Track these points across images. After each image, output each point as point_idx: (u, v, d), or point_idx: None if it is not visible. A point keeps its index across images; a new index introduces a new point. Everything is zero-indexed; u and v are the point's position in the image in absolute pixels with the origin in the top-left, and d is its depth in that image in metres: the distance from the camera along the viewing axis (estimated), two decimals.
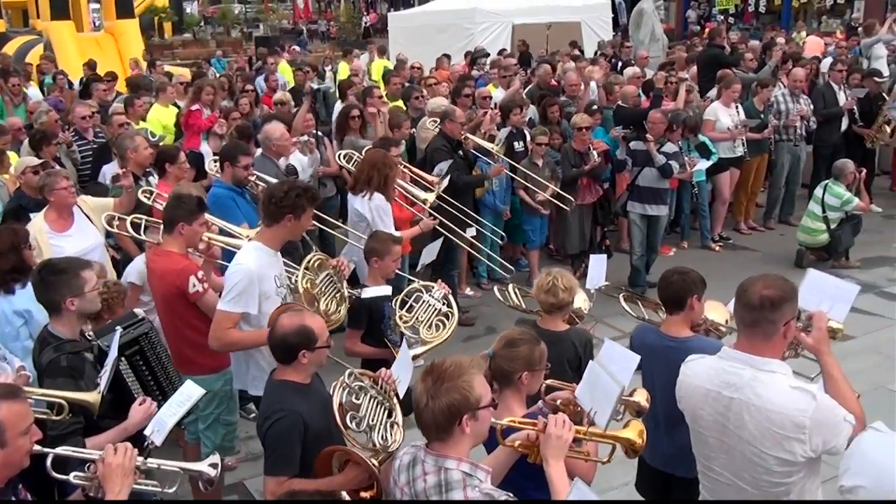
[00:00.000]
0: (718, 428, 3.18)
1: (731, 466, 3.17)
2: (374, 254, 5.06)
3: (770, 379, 3.05)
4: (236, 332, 4.46)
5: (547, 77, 11.24)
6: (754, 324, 3.09)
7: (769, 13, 33.15)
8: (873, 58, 13.12)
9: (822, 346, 3.27)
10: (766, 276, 3.18)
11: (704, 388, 3.22)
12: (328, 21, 48.51)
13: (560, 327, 4.47)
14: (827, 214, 9.08)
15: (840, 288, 3.70)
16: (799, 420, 2.94)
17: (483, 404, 2.79)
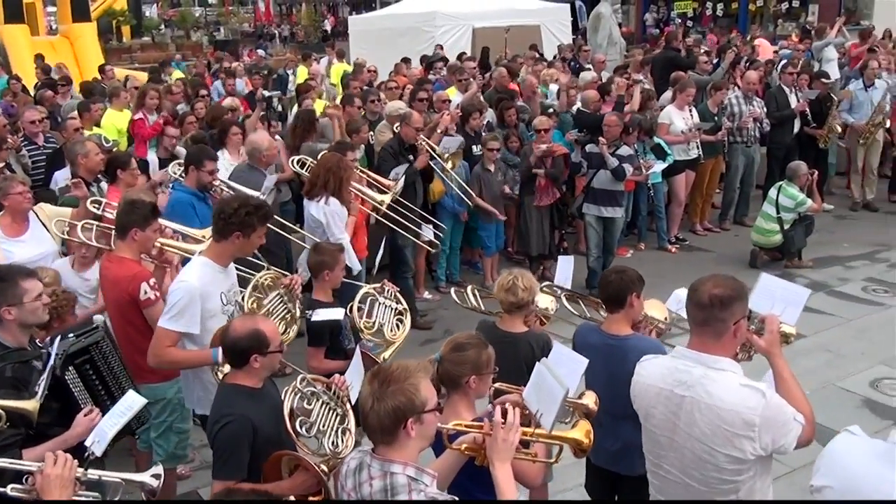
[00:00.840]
0: (669, 426, 3.21)
1: (681, 464, 3.21)
2: (325, 267, 4.97)
3: (720, 377, 3.09)
4: (177, 351, 4.36)
5: (504, 80, 11.29)
6: (705, 322, 3.13)
7: (727, 16, 33.58)
8: (824, 60, 13.37)
9: (773, 349, 3.32)
10: (715, 276, 3.23)
11: (657, 387, 3.26)
12: (293, 25, 48.27)
13: (519, 329, 4.52)
14: (781, 215, 9.22)
15: (792, 292, 3.77)
16: (748, 417, 2.98)
17: (429, 408, 2.80)
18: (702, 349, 3.16)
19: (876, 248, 10.05)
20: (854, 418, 6.15)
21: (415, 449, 2.82)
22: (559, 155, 8.97)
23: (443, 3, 19.61)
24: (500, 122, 9.67)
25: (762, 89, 11.61)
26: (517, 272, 4.53)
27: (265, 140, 6.99)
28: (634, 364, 4.05)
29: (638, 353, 4.06)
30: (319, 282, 5.02)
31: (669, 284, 4.88)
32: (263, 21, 49.59)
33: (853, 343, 7.50)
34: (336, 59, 16.68)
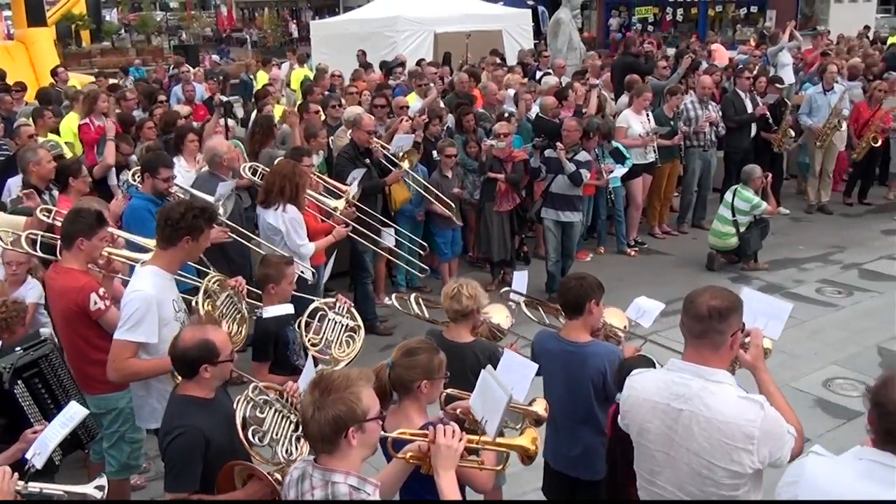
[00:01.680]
0: (665, 441, 3.14)
1: (677, 480, 3.13)
2: (271, 280, 4.90)
3: (718, 389, 3.04)
4: (137, 362, 4.31)
5: (464, 85, 11.31)
6: (702, 334, 3.08)
7: (686, 22, 34.06)
8: (779, 65, 13.58)
9: (758, 363, 3.32)
10: (711, 287, 3.21)
11: (653, 401, 3.17)
12: (259, 29, 48.00)
13: (465, 338, 4.49)
14: (736, 218, 9.35)
15: (774, 306, 3.82)
16: (748, 430, 2.94)
17: (370, 416, 2.80)
18: (699, 361, 3.10)
19: (830, 250, 10.23)
20: (807, 418, 6.25)
21: (357, 458, 2.81)
22: (518, 160, 9.02)
23: (405, 9, 19.62)
24: (458, 128, 9.69)
25: (719, 94, 11.78)
26: (463, 280, 4.52)
27: (223, 145, 6.94)
28: (593, 370, 4.11)
29: (596, 359, 4.12)
30: (266, 294, 4.94)
31: (629, 288, 4.95)
32: (226, 25, 49.31)
33: (807, 344, 7.62)
34: (297, 64, 16.59)
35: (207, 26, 52.45)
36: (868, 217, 11.65)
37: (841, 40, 18.96)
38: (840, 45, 17.81)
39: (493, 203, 8.92)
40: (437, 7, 19.88)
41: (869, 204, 12.12)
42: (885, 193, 12.42)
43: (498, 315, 4.81)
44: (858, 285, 9.00)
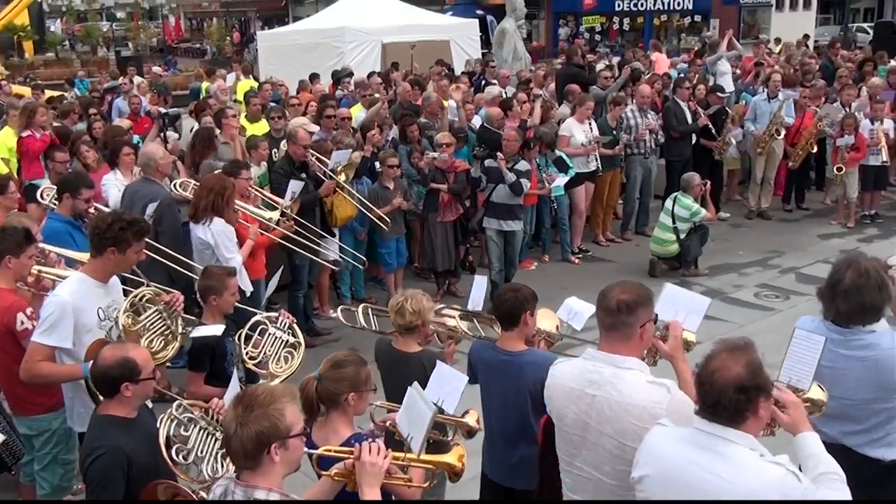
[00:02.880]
0: (581, 425, 3.30)
1: (594, 461, 3.30)
2: (212, 291, 4.84)
3: (629, 375, 3.22)
4: (47, 366, 4.29)
5: (408, 95, 11.34)
6: (613, 326, 3.27)
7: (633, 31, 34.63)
8: (718, 74, 13.83)
9: (676, 353, 3.52)
10: (623, 282, 3.37)
11: (569, 387, 3.35)
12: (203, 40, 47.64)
13: (412, 349, 4.53)
14: (676, 225, 9.50)
15: (694, 301, 3.94)
16: (655, 412, 3.10)
17: (294, 433, 2.79)
18: (611, 350, 3.28)
19: (768, 254, 10.45)
20: None
21: (279, 474, 2.81)
22: (461, 170, 9.06)
23: (352, 19, 19.65)
24: (402, 138, 9.71)
25: (661, 102, 11.98)
26: (409, 294, 4.54)
27: (159, 150, 6.87)
28: (529, 379, 4.14)
29: (533, 368, 4.15)
30: (208, 306, 4.89)
31: (573, 295, 4.96)
32: (173, 36, 48.82)
33: None
34: (242, 75, 16.49)
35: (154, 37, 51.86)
36: (805, 222, 11.92)
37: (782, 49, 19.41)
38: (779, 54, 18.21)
39: (436, 214, 8.95)
40: (384, 17, 19.94)
41: (806, 209, 12.39)
42: (822, 198, 12.71)
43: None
44: (795, 289, 9.19)
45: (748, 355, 2.81)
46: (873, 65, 14.62)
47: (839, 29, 34.14)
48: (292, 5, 49.21)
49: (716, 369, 2.76)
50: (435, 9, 30.79)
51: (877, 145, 11.04)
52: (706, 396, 2.78)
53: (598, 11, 35.77)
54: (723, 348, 2.84)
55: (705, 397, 2.78)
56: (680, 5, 33.37)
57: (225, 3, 55.47)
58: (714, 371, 2.76)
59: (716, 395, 2.74)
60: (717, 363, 2.77)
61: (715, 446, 2.75)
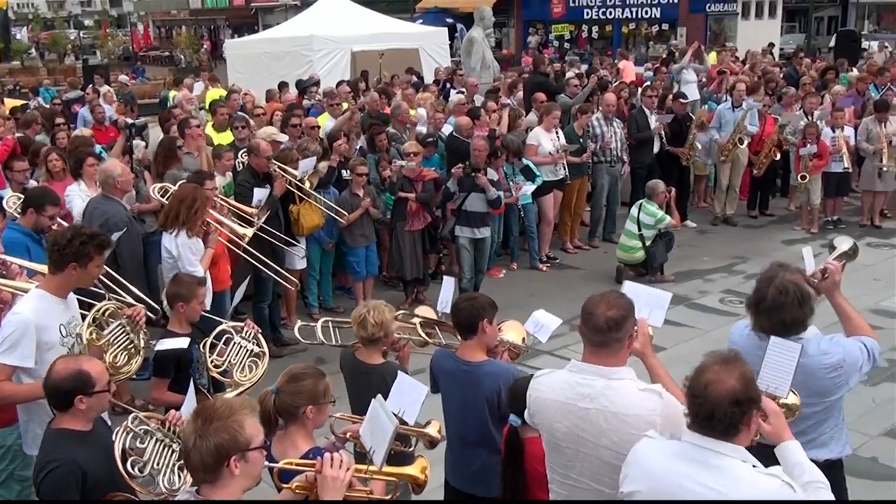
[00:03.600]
0: (574, 438, 3.30)
1: (590, 472, 3.31)
2: (180, 298, 4.87)
3: (620, 386, 3.23)
4: (9, 385, 4.19)
5: (376, 104, 11.34)
6: (603, 344, 3.27)
7: (601, 39, 34.89)
8: (683, 82, 13.99)
9: (646, 350, 3.55)
10: (606, 296, 3.34)
11: (559, 402, 3.33)
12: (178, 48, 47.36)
13: (375, 360, 4.53)
14: (642, 232, 9.58)
15: (655, 296, 3.99)
16: (651, 419, 3.14)
17: (254, 445, 2.78)
18: (599, 363, 3.28)
19: (734, 260, 10.56)
20: None
21: (239, 487, 2.79)
22: (428, 179, 9.08)
23: (320, 27, 19.61)
24: (371, 147, 9.71)
25: (627, 110, 12.09)
26: (372, 305, 4.55)
27: (117, 166, 6.81)
28: (487, 389, 4.16)
29: (491, 379, 4.17)
30: (175, 313, 4.91)
31: (541, 302, 4.99)
32: (142, 44, 48.46)
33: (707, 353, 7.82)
34: (210, 84, 16.39)
35: (123, 45, 51.44)
36: (770, 228, 12.07)
37: (748, 57, 19.64)
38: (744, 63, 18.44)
39: (405, 222, 8.96)
40: (353, 26, 19.93)
41: (771, 215, 12.56)
42: (787, 204, 12.88)
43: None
44: None
45: (740, 367, 2.82)
46: (835, 73, 14.87)
47: (804, 37, 34.67)
48: (262, 14, 49.09)
49: (709, 382, 2.76)
50: (405, 17, 30.86)
51: (838, 152, 11.21)
52: (700, 410, 2.77)
53: (566, 20, 36.01)
54: (714, 361, 2.84)
55: (699, 411, 2.77)
56: (648, 14, 33.68)
57: (194, 11, 55.22)
58: (708, 384, 2.75)
59: (710, 408, 2.74)
60: (710, 376, 2.78)
61: (708, 459, 2.76)
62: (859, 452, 5.88)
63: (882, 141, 11.28)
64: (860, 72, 15.89)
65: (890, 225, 11.87)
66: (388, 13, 25.89)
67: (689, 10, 32.40)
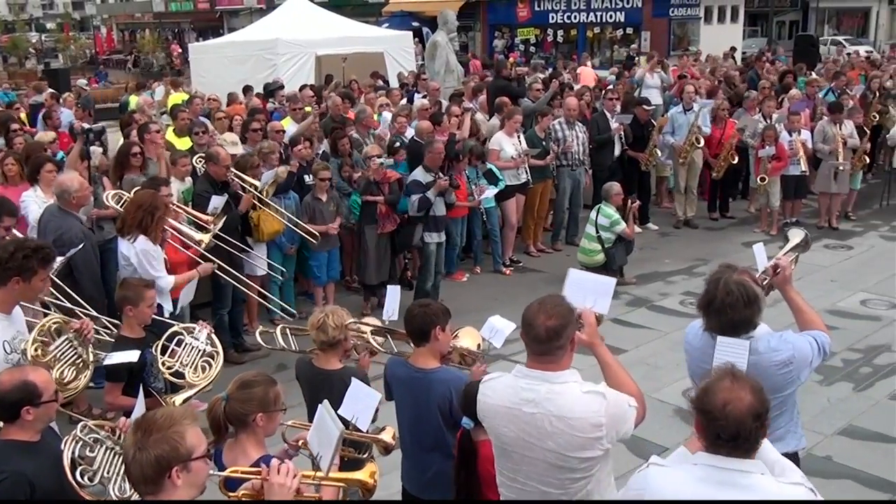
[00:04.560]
0: (521, 443, 3.33)
1: (537, 475, 3.34)
2: (128, 302, 4.85)
3: (564, 389, 3.26)
4: None
5: (338, 108, 11.32)
6: (544, 353, 3.29)
7: (566, 43, 35.13)
8: (644, 86, 14.13)
9: (594, 340, 3.55)
10: (543, 303, 3.32)
11: (505, 407, 3.36)
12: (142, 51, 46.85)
13: (334, 366, 4.51)
14: (600, 234, 9.64)
15: (599, 283, 3.97)
16: (596, 420, 3.18)
17: (196, 455, 2.75)
18: (542, 368, 3.30)
19: (694, 262, 10.67)
20: (668, 427, 6.52)
21: (183, 498, 2.76)
22: (394, 180, 9.07)
23: (285, 31, 19.55)
24: (333, 151, 9.69)
25: (590, 114, 12.18)
26: (329, 310, 4.53)
27: (75, 181, 6.70)
28: (439, 396, 4.17)
29: (442, 385, 4.18)
30: (125, 318, 4.89)
31: (504, 306, 5.00)
32: (105, 48, 47.90)
33: (669, 355, 7.89)
34: (172, 88, 16.25)
35: (86, 48, 50.84)
36: (730, 230, 12.22)
37: (709, 60, 19.90)
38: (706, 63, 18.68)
39: (374, 226, 8.92)
40: (317, 29, 19.90)
41: (732, 217, 12.71)
42: (747, 207, 13.05)
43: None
44: None
45: (749, 381, 2.83)
46: (794, 76, 15.10)
47: (766, 41, 35.15)
48: (227, 17, 48.81)
49: (727, 401, 2.74)
50: (371, 21, 30.85)
51: (796, 155, 11.38)
52: (723, 431, 2.74)
53: (532, 24, 36.26)
54: (721, 378, 2.83)
55: (721, 432, 2.74)
56: (612, 18, 33.99)
57: (158, 14, 54.74)
58: (727, 403, 2.73)
59: (734, 427, 2.72)
60: (726, 395, 2.75)
61: (736, 481, 2.74)
62: (814, 451, 6.00)
63: (837, 142, 11.48)
64: (818, 75, 16.18)
65: (847, 226, 12.08)
66: (354, 17, 25.87)
67: (653, 14, 32.74)
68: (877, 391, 7.14)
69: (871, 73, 15.72)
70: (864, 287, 9.59)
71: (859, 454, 6.17)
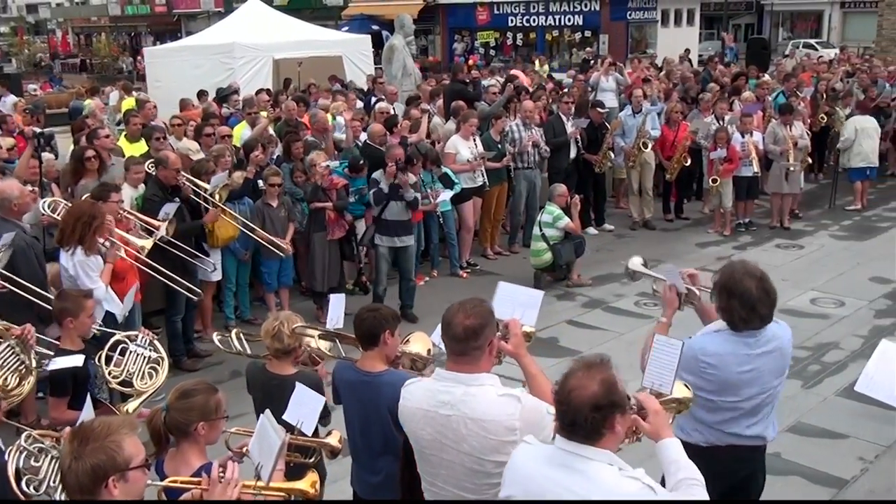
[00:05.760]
0: (438, 446, 3.34)
1: (454, 479, 3.34)
2: (68, 313, 4.76)
3: (480, 392, 3.26)
4: None
5: (292, 113, 11.26)
6: (462, 353, 3.31)
7: (526, 46, 35.34)
8: (600, 90, 14.25)
9: (519, 350, 3.58)
10: (464, 305, 3.36)
11: (422, 410, 3.37)
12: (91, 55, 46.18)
13: (287, 371, 4.50)
14: (544, 232, 9.71)
15: (527, 295, 4.03)
16: (509, 424, 3.18)
17: (134, 464, 2.73)
18: (459, 370, 3.32)
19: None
20: None
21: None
22: (341, 186, 9.04)
23: (242, 35, 19.42)
24: (286, 156, 9.63)
25: (546, 116, 12.26)
26: (283, 316, 4.52)
27: (15, 189, 6.57)
28: (388, 399, 4.15)
29: (390, 388, 4.15)
30: (65, 330, 4.80)
31: None
32: (60, 51, 47.18)
33: (623, 356, 7.85)
34: (125, 93, 16.04)
35: (40, 52, 50.03)
36: (685, 231, 12.37)
37: (665, 63, 20.11)
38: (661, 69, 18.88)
39: (323, 233, 8.87)
40: (275, 33, 19.80)
41: (687, 219, 12.87)
42: (701, 208, 13.22)
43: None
44: None
45: (603, 373, 2.84)
46: (745, 78, 15.33)
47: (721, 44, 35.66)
48: (185, 20, 48.36)
49: (573, 388, 2.79)
50: (330, 24, 30.77)
51: (748, 157, 11.55)
52: (564, 416, 2.82)
53: (492, 27, 36.46)
54: (579, 366, 2.87)
55: (563, 417, 2.82)
56: (571, 21, 34.31)
57: (114, 17, 54.04)
58: (571, 390, 2.79)
59: (573, 414, 2.78)
60: (574, 382, 2.80)
61: (574, 464, 2.80)
62: None
63: (788, 143, 11.68)
64: (771, 77, 16.44)
65: (798, 226, 12.29)
66: (313, 20, 25.80)
67: (611, 17, 33.09)
68: (825, 388, 7.26)
69: (822, 74, 15.99)
70: (814, 286, 9.77)
71: (807, 450, 6.28)
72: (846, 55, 23.50)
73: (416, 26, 19.13)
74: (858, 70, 17.46)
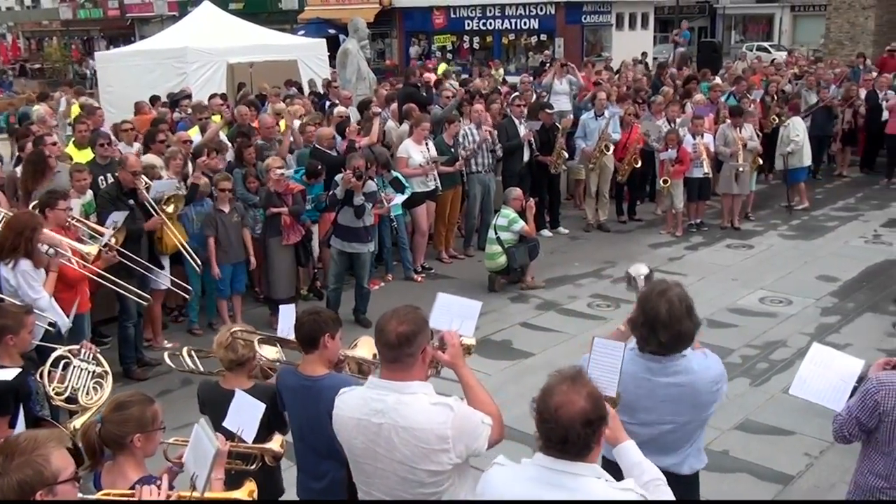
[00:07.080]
0: (371, 454, 3.32)
1: (388, 488, 3.33)
2: (8, 331, 4.61)
3: (412, 400, 3.25)
4: None
5: (245, 118, 11.17)
6: (395, 360, 3.29)
7: (482, 49, 35.46)
8: (553, 93, 14.33)
9: (457, 361, 3.54)
10: (398, 311, 3.34)
11: (355, 419, 3.35)
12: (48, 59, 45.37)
13: (244, 385, 4.42)
14: (499, 235, 9.75)
15: (466, 306, 4.01)
16: (441, 432, 3.17)
17: (62, 478, 2.68)
18: (393, 378, 3.31)
19: (602, 265, 10.86)
20: None
21: None
22: (297, 192, 8.99)
23: (194, 39, 19.18)
24: (238, 161, 9.55)
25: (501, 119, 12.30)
26: (236, 328, 4.49)
27: None
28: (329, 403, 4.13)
29: (331, 392, 4.13)
30: (4, 346, 4.63)
31: None
32: (10, 56, 46.30)
33: (574, 358, 7.90)
34: (74, 98, 15.78)
35: None
36: (638, 232, 12.49)
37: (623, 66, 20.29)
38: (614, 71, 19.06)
39: (279, 238, 8.79)
40: (227, 37, 19.56)
41: (640, 220, 12.99)
42: (654, 209, 13.37)
43: (268, 350, 4.71)
44: (626, 298, 9.54)
45: (587, 386, 2.80)
46: (697, 82, 15.53)
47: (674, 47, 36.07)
48: (138, 24, 47.73)
49: (559, 405, 2.73)
50: (286, 28, 30.57)
51: (699, 158, 11.70)
52: (552, 434, 2.74)
53: (448, 31, 36.50)
54: (560, 381, 2.80)
55: (551, 434, 2.74)
56: (526, 25, 34.47)
57: (66, 21, 53.14)
58: (558, 407, 2.72)
59: (563, 431, 2.72)
60: (559, 398, 2.74)
61: (563, 482, 2.75)
62: (711, 446, 6.13)
63: (738, 144, 11.86)
64: (722, 80, 16.67)
65: (748, 226, 12.47)
66: (269, 24, 25.59)
67: (566, 21, 33.31)
68: (772, 385, 7.37)
69: (771, 77, 16.25)
70: (763, 285, 9.92)
71: (755, 448, 6.37)
72: (794, 58, 23.90)
73: (373, 30, 19.16)
74: (806, 73, 17.76)
